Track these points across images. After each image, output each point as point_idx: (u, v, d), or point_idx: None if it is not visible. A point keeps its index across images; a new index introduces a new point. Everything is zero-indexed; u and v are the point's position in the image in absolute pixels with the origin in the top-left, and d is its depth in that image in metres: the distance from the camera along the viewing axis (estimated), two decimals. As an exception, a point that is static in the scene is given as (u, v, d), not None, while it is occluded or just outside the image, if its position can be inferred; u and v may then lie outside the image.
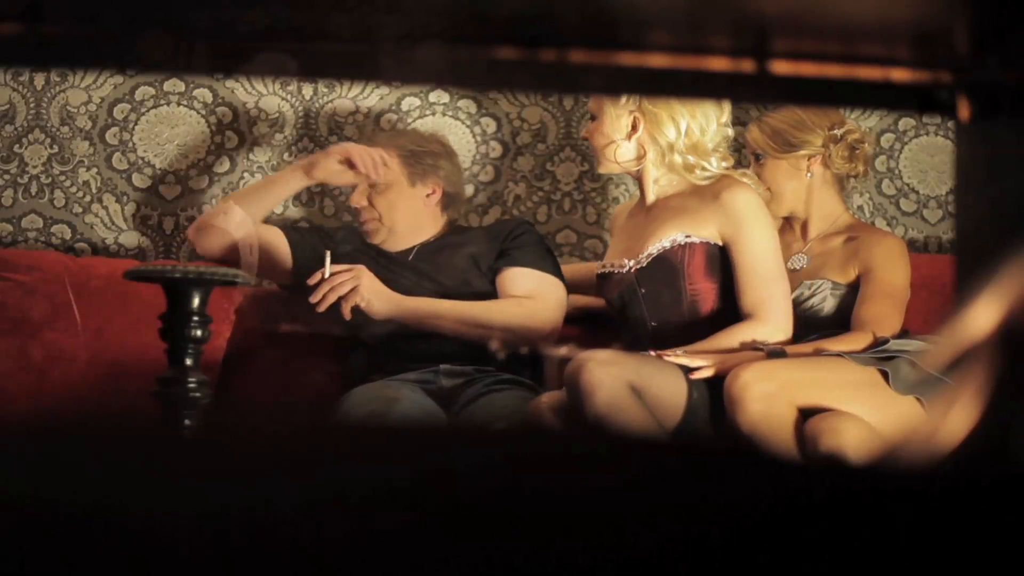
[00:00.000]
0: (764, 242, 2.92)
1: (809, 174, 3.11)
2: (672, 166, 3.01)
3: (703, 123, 3.00)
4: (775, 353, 2.79)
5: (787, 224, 3.21)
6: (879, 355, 2.78)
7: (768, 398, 2.63)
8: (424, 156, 3.36)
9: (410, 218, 3.35)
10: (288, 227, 3.43)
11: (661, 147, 3.00)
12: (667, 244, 2.96)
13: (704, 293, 2.94)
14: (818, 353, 2.81)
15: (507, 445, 0.70)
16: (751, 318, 2.87)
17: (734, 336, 2.84)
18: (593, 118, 3.08)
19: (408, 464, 0.66)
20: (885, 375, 2.71)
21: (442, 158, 3.39)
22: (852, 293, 3.00)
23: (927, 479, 0.73)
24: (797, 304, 3.01)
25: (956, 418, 0.89)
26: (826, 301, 3.02)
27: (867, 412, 2.69)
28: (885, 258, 3.01)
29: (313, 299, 3.00)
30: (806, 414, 2.70)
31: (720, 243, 2.94)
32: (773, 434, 2.63)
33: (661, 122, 2.99)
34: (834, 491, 0.67)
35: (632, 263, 3.00)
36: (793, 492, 0.67)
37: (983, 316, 0.89)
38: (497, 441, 0.72)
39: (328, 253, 3.07)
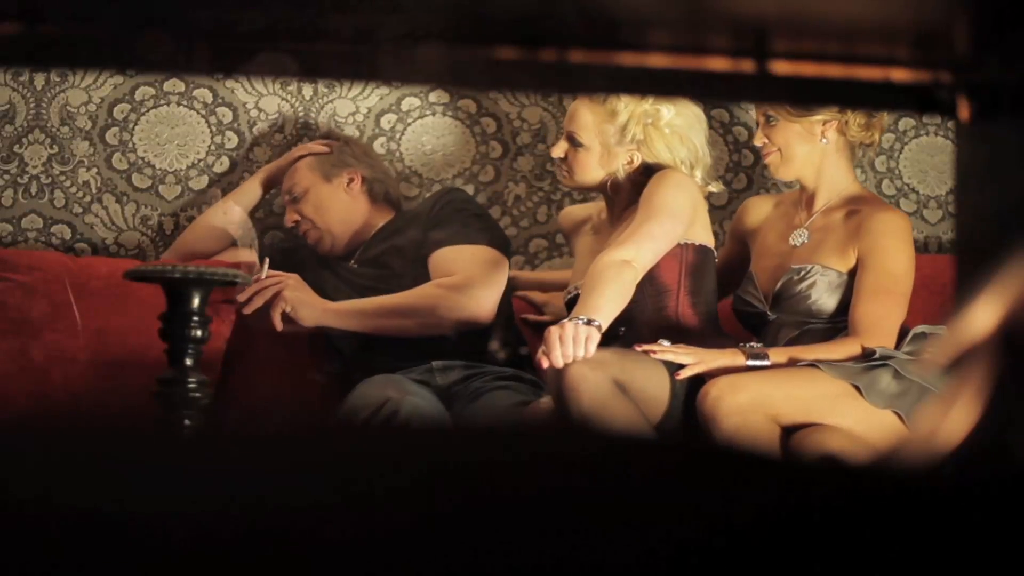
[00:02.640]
0: (662, 199, 2.89)
1: (824, 140, 2.99)
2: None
3: (694, 158, 3.01)
4: (756, 355, 2.77)
5: (788, 201, 3.12)
6: (861, 364, 2.72)
7: (742, 411, 2.59)
8: (327, 156, 3.37)
9: (341, 213, 3.32)
10: (267, 247, 3.46)
11: (649, 169, 3.02)
12: None
13: (669, 291, 2.94)
14: (792, 362, 2.76)
15: (508, 445, 0.71)
16: (620, 244, 2.82)
17: (611, 285, 2.75)
18: (573, 141, 3.05)
19: (409, 464, 0.66)
20: (858, 389, 2.65)
21: (348, 150, 3.40)
22: (852, 281, 2.89)
23: (927, 479, 0.73)
24: (784, 290, 2.94)
25: (956, 418, 0.89)
26: (815, 288, 2.90)
27: (844, 425, 2.65)
28: (884, 240, 2.88)
29: (241, 298, 3.00)
30: (788, 431, 2.67)
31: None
32: (753, 447, 2.59)
33: (657, 157, 3.00)
34: (833, 492, 0.67)
35: None
36: (792, 493, 0.67)
37: (983, 316, 0.89)
38: (498, 441, 0.72)
39: (267, 259, 3.06)
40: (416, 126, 3.69)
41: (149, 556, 0.59)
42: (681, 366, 2.73)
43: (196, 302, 2.46)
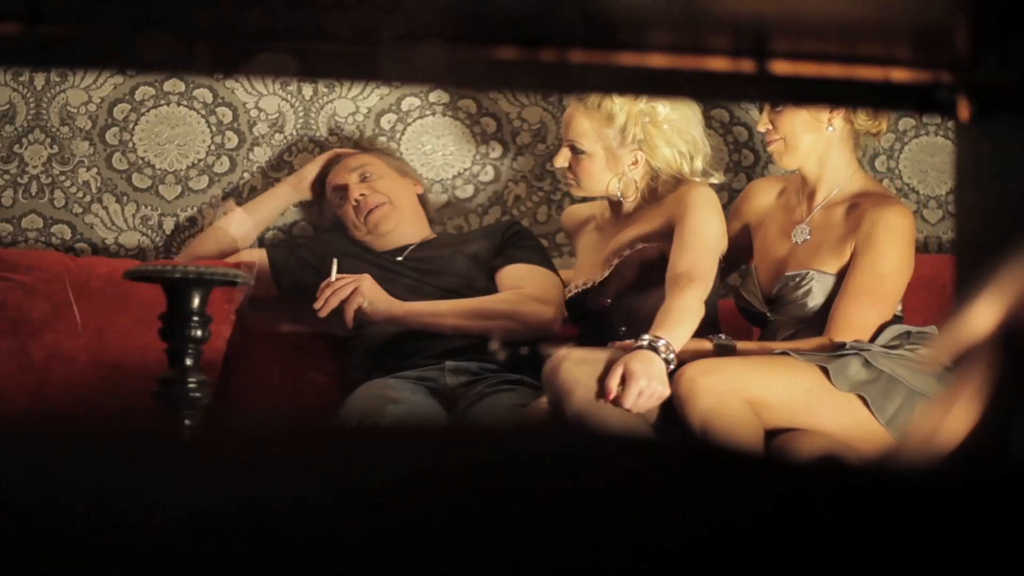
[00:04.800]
0: (707, 223, 2.91)
1: (830, 128, 2.92)
2: (653, 186, 3.06)
3: (693, 149, 3.02)
4: (724, 347, 2.77)
5: (797, 189, 3.06)
6: (831, 353, 2.69)
7: (717, 392, 2.57)
8: (395, 159, 3.55)
9: (410, 206, 3.44)
10: (272, 246, 3.48)
11: (654, 173, 3.04)
12: (627, 251, 2.99)
13: None
14: (764, 351, 2.75)
15: (505, 445, 0.71)
16: (683, 278, 2.82)
17: (674, 301, 2.78)
18: (575, 150, 3.06)
19: (407, 465, 0.66)
20: (826, 372, 2.63)
21: (408, 165, 3.58)
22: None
23: (927, 479, 0.73)
24: (780, 296, 2.92)
25: (956, 418, 0.89)
26: (811, 295, 2.86)
27: (819, 414, 2.63)
28: (878, 239, 2.82)
29: (316, 305, 3.03)
30: (769, 435, 2.66)
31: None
32: (727, 430, 2.56)
33: (660, 154, 3.01)
34: (832, 491, 0.67)
35: (596, 277, 3.03)
36: (792, 492, 0.67)
37: (983, 316, 0.89)
38: (495, 441, 0.72)
39: (335, 260, 3.10)
40: (416, 126, 3.69)
41: (149, 555, 0.59)
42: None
43: (196, 302, 2.46)
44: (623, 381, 2.60)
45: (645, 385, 2.59)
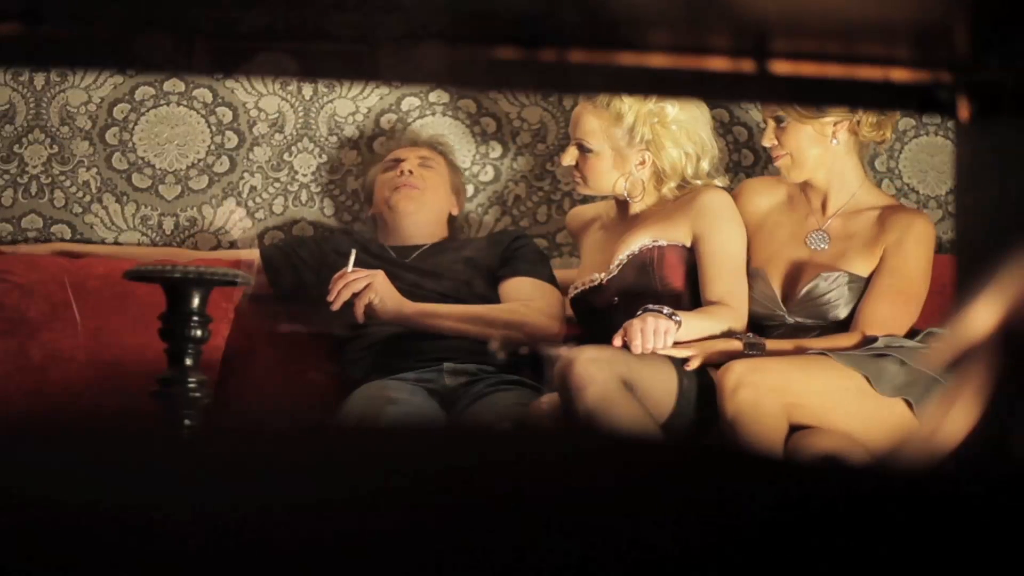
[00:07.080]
0: (733, 239, 2.98)
1: (835, 141, 2.97)
2: (660, 188, 3.07)
3: (700, 151, 3.04)
4: (753, 346, 2.78)
5: (802, 196, 3.08)
6: (867, 352, 2.71)
7: (759, 389, 2.60)
8: (459, 171, 3.59)
9: (437, 213, 3.46)
10: (267, 247, 3.48)
11: (660, 175, 3.05)
12: (635, 250, 3.00)
13: (678, 294, 2.96)
14: (800, 350, 2.77)
15: (505, 446, 0.71)
16: (720, 307, 2.89)
17: (709, 315, 2.84)
18: (582, 148, 3.08)
19: (406, 465, 0.66)
20: (868, 380, 2.65)
21: (461, 177, 3.61)
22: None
23: (927, 479, 0.73)
24: (808, 296, 2.92)
25: (956, 418, 0.89)
26: (841, 298, 2.89)
27: (855, 417, 2.65)
28: (907, 243, 2.89)
29: (329, 297, 3.03)
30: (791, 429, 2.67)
31: (689, 244, 3.00)
32: (759, 425, 2.59)
33: (667, 155, 3.03)
34: (834, 491, 0.67)
35: (603, 276, 3.04)
36: (793, 492, 0.67)
37: (983, 316, 0.89)
38: (495, 442, 0.72)
39: (353, 252, 3.11)
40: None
41: (149, 555, 0.59)
42: (685, 360, 2.75)
43: (196, 302, 2.46)
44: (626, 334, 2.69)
45: (642, 324, 2.68)
